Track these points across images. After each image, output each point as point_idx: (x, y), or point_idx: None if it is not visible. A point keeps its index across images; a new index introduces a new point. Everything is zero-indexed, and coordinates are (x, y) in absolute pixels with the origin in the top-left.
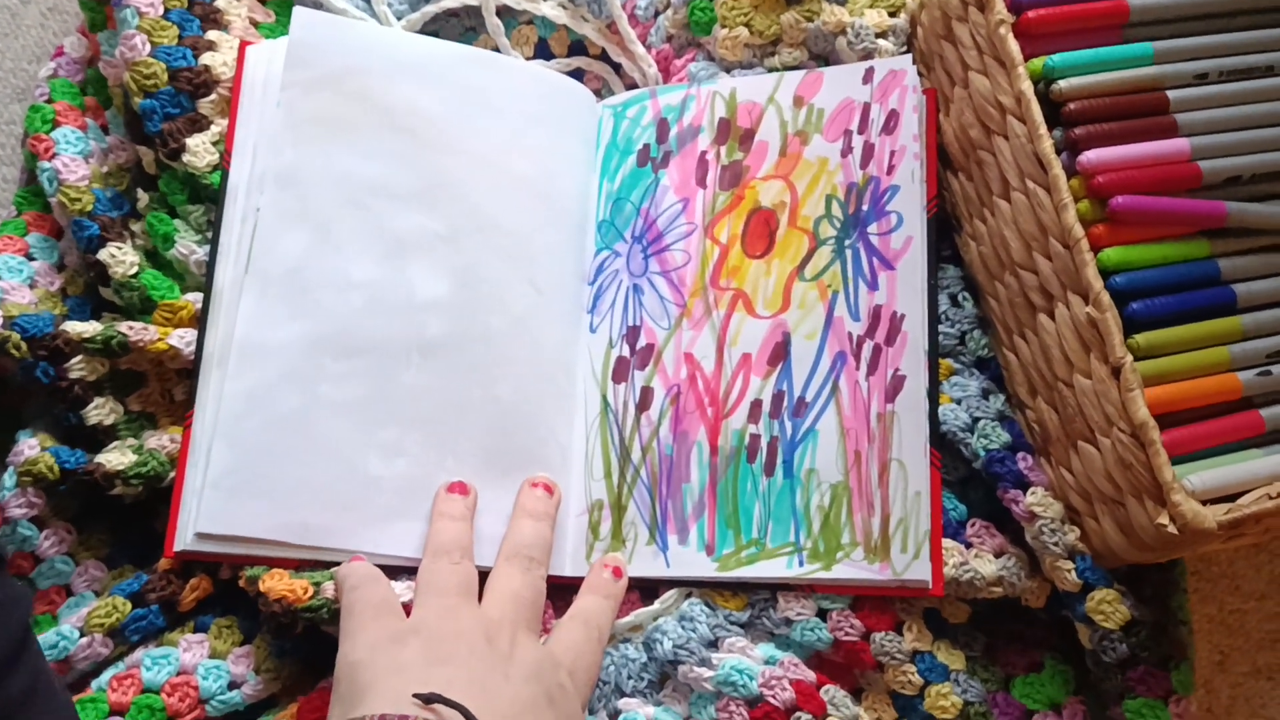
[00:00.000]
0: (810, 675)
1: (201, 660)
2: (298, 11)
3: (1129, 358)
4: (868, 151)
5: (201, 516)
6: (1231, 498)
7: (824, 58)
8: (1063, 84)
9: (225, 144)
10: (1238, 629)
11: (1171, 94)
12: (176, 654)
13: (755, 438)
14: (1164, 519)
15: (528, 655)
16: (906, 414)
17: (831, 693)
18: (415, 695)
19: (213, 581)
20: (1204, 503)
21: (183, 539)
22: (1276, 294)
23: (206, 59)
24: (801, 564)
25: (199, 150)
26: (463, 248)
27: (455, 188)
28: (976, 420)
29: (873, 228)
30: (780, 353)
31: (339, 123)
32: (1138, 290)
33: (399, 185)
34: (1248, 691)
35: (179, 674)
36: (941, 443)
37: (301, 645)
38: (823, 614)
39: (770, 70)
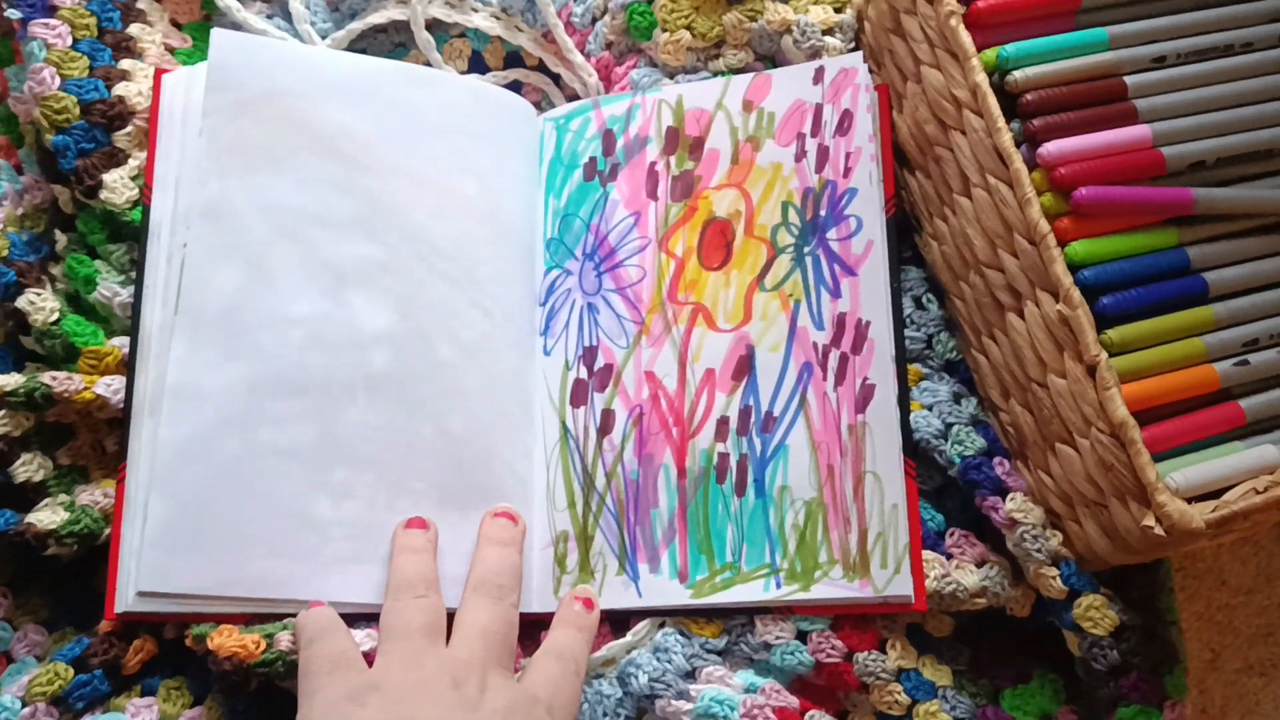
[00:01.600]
0: (793, 701)
1: None
2: (216, 33)
3: (1104, 355)
4: (822, 155)
5: (142, 575)
6: (1216, 493)
7: (770, 58)
8: (1018, 74)
9: (145, 178)
10: (1227, 626)
11: (1129, 79)
12: (124, 719)
13: (724, 457)
14: (1150, 521)
15: (499, 699)
16: (878, 424)
17: (816, 718)
18: None
19: (157, 642)
20: (1189, 500)
21: (123, 599)
22: (1249, 280)
23: (120, 89)
24: (779, 586)
25: (117, 186)
26: (405, 275)
27: (394, 213)
28: (949, 426)
29: (832, 233)
30: (745, 367)
31: (266, 149)
32: (1107, 284)
33: (334, 213)
34: (1241, 690)
35: None
36: (915, 451)
37: (257, 702)
38: (802, 636)
39: (715, 74)
